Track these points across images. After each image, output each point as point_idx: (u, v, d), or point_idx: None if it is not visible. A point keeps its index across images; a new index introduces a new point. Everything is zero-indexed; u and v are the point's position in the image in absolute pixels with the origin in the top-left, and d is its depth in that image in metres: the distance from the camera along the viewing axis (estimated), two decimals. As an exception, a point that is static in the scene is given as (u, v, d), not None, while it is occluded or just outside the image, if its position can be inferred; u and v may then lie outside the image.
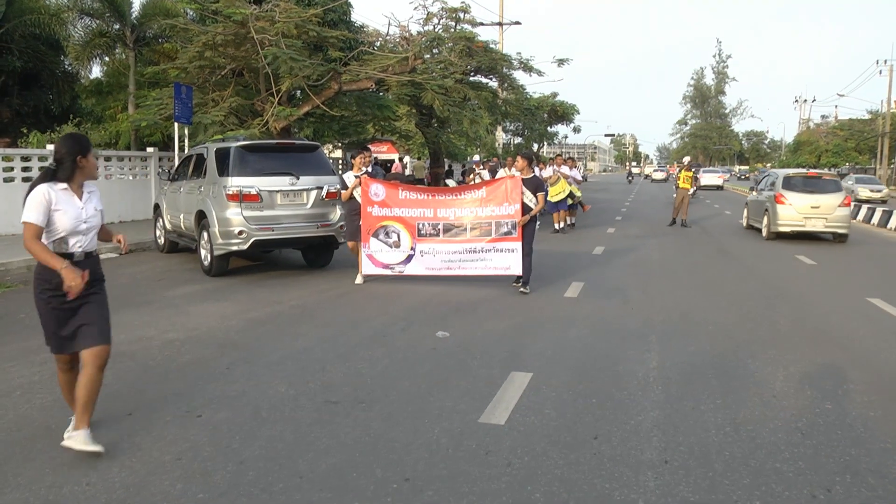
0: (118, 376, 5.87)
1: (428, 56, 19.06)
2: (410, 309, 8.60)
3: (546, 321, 8.00)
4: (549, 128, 50.14)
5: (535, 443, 4.47)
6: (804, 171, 19.42)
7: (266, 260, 12.82)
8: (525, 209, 9.42)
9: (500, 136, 46.09)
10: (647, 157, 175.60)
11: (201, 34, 16.64)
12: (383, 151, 36.74)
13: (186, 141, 16.96)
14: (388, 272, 10.03)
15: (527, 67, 21.87)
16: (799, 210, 16.52)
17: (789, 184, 17.03)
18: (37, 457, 4.26)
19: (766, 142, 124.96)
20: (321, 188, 10.94)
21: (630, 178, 75.06)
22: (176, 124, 16.46)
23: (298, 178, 10.78)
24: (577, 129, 55.59)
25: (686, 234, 18.43)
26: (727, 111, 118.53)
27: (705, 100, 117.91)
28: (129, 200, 19.02)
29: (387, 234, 9.94)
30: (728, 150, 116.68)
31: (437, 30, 19.31)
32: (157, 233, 14.04)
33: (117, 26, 22.94)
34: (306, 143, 12.77)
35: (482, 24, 24.05)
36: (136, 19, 22.79)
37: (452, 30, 19.25)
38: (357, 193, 10.15)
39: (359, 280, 10.30)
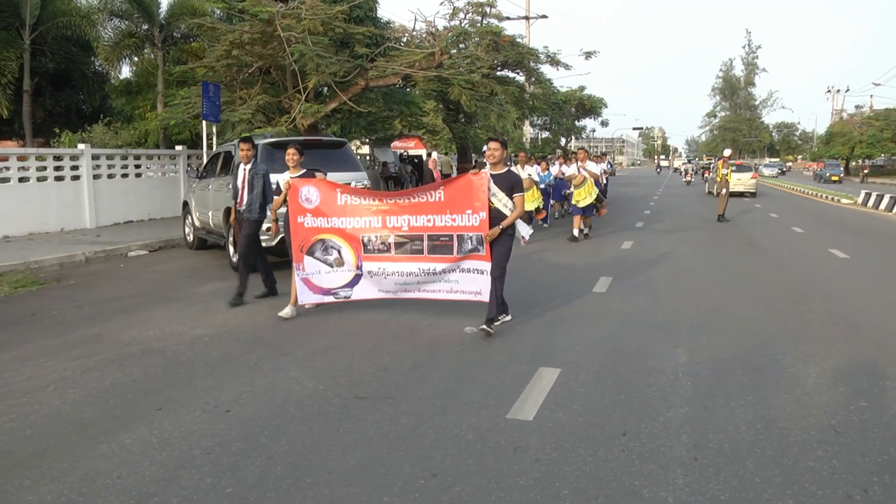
0: (147, 372, 5.94)
1: (454, 51, 19.00)
2: (437, 304, 8.58)
3: (574, 316, 7.95)
4: (576, 122, 49.85)
5: (564, 439, 4.44)
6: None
7: (294, 256, 12.88)
8: (494, 217, 7.05)
9: (528, 131, 45.92)
10: (675, 150, 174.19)
11: (228, 33, 16.74)
12: (411, 147, 36.79)
13: (214, 139, 17.11)
14: (330, 299, 7.82)
15: (554, 61, 21.70)
16: (737, 181, 28.76)
17: (733, 169, 25.58)
18: (70, 451, 4.33)
19: (798, 133, 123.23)
20: (349, 184, 10.96)
21: (659, 170, 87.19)
22: (204, 122, 16.61)
23: (326, 175, 10.80)
24: (604, 123, 55.14)
25: (716, 227, 18.22)
26: (757, 103, 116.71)
27: (734, 91, 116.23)
28: (159, 198, 19.24)
29: (325, 249, 7.76)
30: (758, 142, 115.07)
31: (463, 24, 19.25)
32: (186, 230, 14.20)
33: (146, 27, 23.22)
34: (333, 139, 12.83)
35: (509, 18, 24.01)
36: (164, 19, 23.04)
37: (479, 24, 19.18)
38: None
39: (287, 312, 7.89)
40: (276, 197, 8.31)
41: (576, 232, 15.26)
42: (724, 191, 19.63)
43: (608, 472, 3.98)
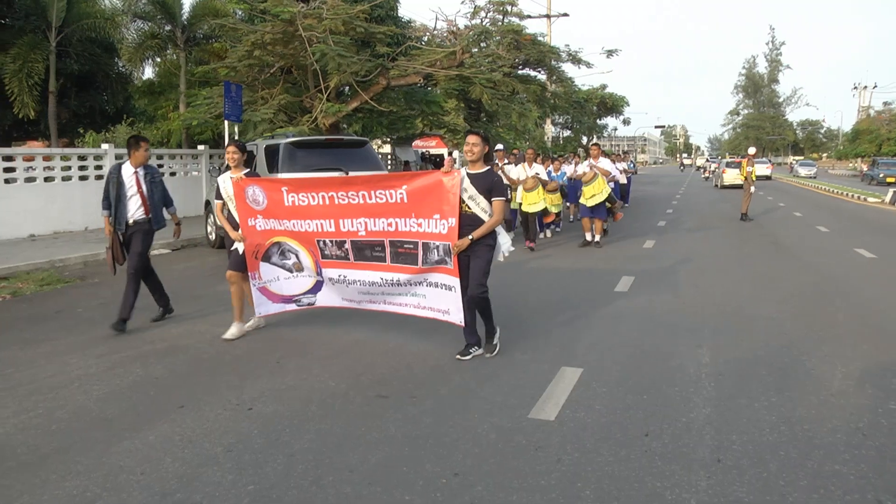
0: (170, 369, 5.99)
1: (475, 50, 18.99)
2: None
3: (596, 316, 7.91)
4: (598, 120, 49.69)
5: (586, 439, 4.42)
6: (733, 159, 41.00)
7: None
8: (470, 225, 5.93)
9: (549, 130, 45.77)
10: (697, 148, 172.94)
11: (250, 33, 16.85)
12: (432, 146, 36.80)
13: (237, 138, 17.20)
14: (292, 307, 7.13)
15: (575, 59, 21.60)
16: (729, 176, 36.81)
17: (725, 166, 40.08)
18: (94, 446, 4.37)
19: (823, 131, 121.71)
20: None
21: (682, 168, 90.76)
22: (226, 122, 16.70)
23: (347, 174, 10.84)
24: (626, 122, 55.14)
25: (740, 226, 18.05)
26: (781, 100, 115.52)
27: (758, 89, 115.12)
28: (181, 197, 19.36)
29: (282, 253, 6.94)
30: (782, 140, 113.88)
31: (484, 23, 19.22)
32: (208, 229, 14.31)
33: (168, 28, 23.44)
34: (355, 138, 12.86)
35: (530, 16, 23.97)
36: (187, 20, 23.24)
37: (500, 23, 19.14)
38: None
39: (232, 332, 6.95)
40: (216, 201, 7.29)
41: (588, 236, 14.02)
42: (751, 189, 19.36)
43: (630, 472, 3.96)
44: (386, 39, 17.43)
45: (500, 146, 16.15)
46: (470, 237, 5.86)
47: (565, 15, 37.40)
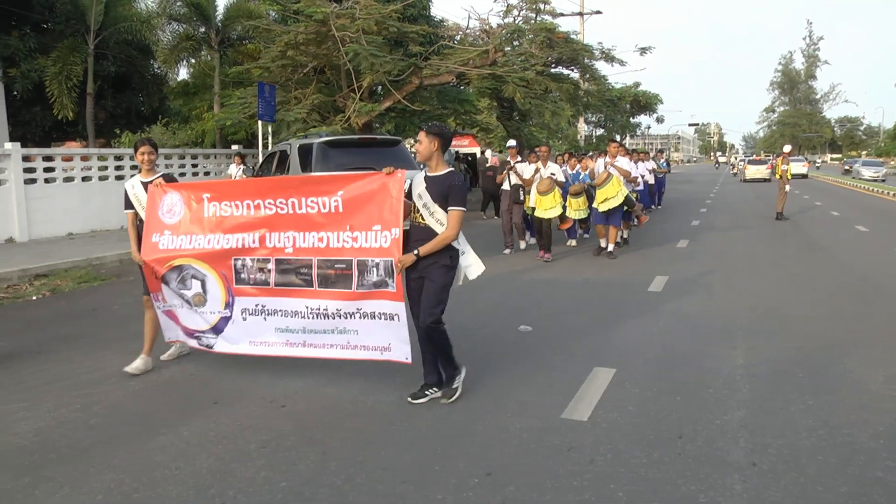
0: (204, 366, 6.07)
1: (508, 48, 18.98)
2: (492, 303, 8.58)
3: (629, 316, 7.85)
4: (631, 119, 49.35)
5: (618, 440, 4.39)
6: (754, 156, 60.85)
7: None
8: (422, 239, 4.99)
9: (582, 128, 45.53)
10: (732, 146, 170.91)
11: (283, 34, 17.01)
12: (465, 145, 36.80)
13: (270, 138, 17.36)
14: (194, 343, 5.93)
15: (608, 57, 21.50)
16: (750, 171, 44.55)
17: (747, 162, 48.48)
18: (130, 441, 4.45)
19: (862, 128, 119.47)
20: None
21: (717, 165, 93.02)
22: (259, 122, 16.86)
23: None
24: (660, 120, 54.71)
25: (775, 225, 17.79)
26: (818, 96, 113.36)
27: (794, 85, 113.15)
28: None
29: (182, 280, 5.77)
30: (819, 137, 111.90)
31: (517, 22, 19.22)
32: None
33: (203, 29, 23.73)
34: (388, 137, 12.91)
35: (562, 14, 23.88)
36: (221, 22, 23.51)
37: (532, 21, 19.13)
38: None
39: (135, 366, 5.95)
40: (127, 212, 6.18)
41: (603, 243, 12.32)
42: (786, 188, 19.00)
43: (663, 475, 3.92)
44: (419, 39, 17.48)
45: (512, 142, 14.35)
46: (415, 252, 4.92)
47: (598, 12, 37.14)
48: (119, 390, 5.44)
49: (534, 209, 12.16)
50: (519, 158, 13.36)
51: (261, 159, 14.98)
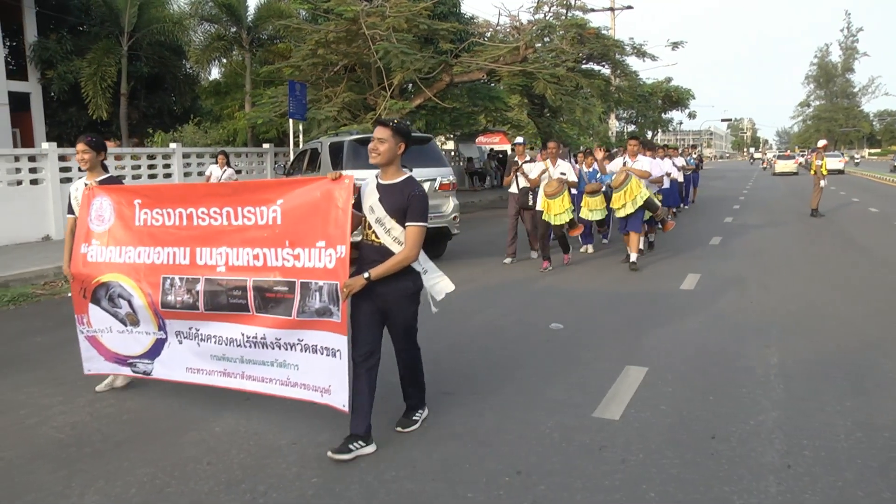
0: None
1: (539, 45, 18.92)
2: (523, 300, 8.56)
3: (661, 314, 7.78)
4: (663, 114, 48.95)
5: (650, 440, 4.35)
6: (784, 152, 70.00)
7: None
8: (371, 259, 4.26)
9: (614, 125, 45.23)
10: (765, 142, 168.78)
11: (314, 33, 17.11)
12: (495, 142, 36.77)
13: (301, 136, 17.48)
14: (126, 371, 5.21)
15: (640, 53, 21.31)
16: (779, 166, 50.58)
17: (777, 158, 56.97)
18: (162, 436, 4.51)
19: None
20: (434, 180, 11.03)
21: (752, 161, 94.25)
22: (290, 121, 16.98)
23: (411, 171, 10.85)
24: (692, 115, 54.07)
25: (810, 222, 17.51)
26: (856, 90, 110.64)
27: (830, 79, 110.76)
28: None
29: (111, 298, 5.07)
30: (856, 132, 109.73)
31: (547, 18, 19.13)
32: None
33: (234, 30, 24.01)
34: (418, 135, 12.91)
35: (593, 10, 23.72)
36: (252, 22, 23.75)
37: (563, 17, 19.03)
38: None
39: (103, 386, 5.44)
40: (69, 217, 5.51)
41: (633, 256, 10.84)
42: (821, 183, 18.64)
43: (696, 476, 3.88)
44: (449, 36, 17.48)
45: (519, 139, 12.50)
46: (366, 275, 4.12)
47: (629, 7, 36.82)
48: (152, 386, 5.50)
49: (541, 213, 10.74)
50: (528, 157, 12.04)
51: (292, 157, 15.09)
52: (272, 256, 4.43)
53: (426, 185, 10.84)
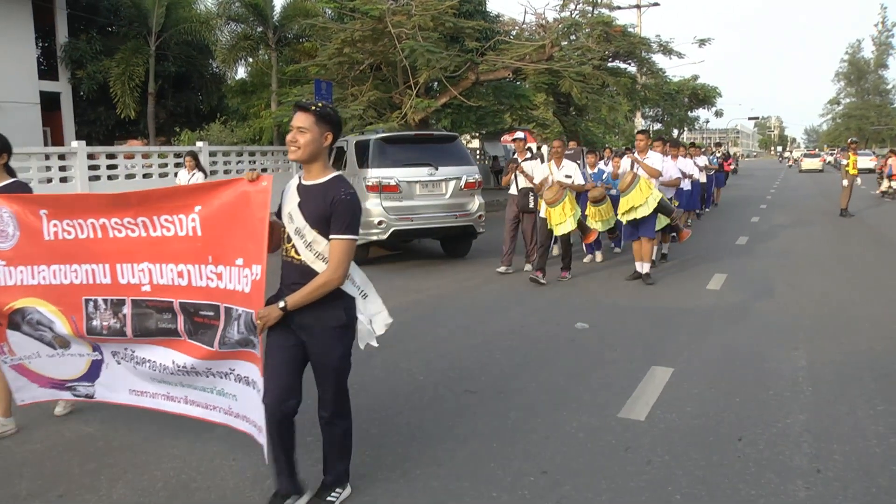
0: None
1: (565, 43, 18.83)
2: (548, 300, 8.54)
3: (687, 314, 7.72)
4: (689, 112, 48.54)
5: (676, 441, 4.32)
6: (809, 151, 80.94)
7: (405, 249, 13.08)
8: (293, 281, 3.40)
9: (640, 123, 44.94)
10: (793, 140, 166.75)
11: (340, 31, 17.17)
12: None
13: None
14: (67, 395, 4.47)
15: (666, 50, 21.14)
16: (806, 163, 57.40)
17: (803, 156, 65.81)
18: (189, 431, 4.52)
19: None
20: (459, 178, 11.04)
21: (781, 159, 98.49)
22: (317, 119, 17.02)
23: (437, 169, 10.91)
24: (719, 113, 53.52)
25: (839, 222, 17.28)
26: (889, 87, 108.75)
27: (862, 75, 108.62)
28: (274, 192, 19.93)
29: (30, 324, 4.23)
30: (889, 130, 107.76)
31: (573, 16, 19.05)
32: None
33: (260, 29, 24.15)
34: (444, 133, 12.94)
35: (619, 7, 23.63)
36: (278, 21, 23.87)
37: (589, 15, 18.95)
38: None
39: (61, 409, 4.92)
40: None
41: (638, 266, 9.69)
42: (855, 181, 18.20)
43: (723, 478, 3.85)
44: (475, 34, 17.45)
45: (519, 134, 11.64)
46: (281, 304, 3.32)
47: (656, 4, 36.46)
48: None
49: (545, 220, 9.50)
50: (528, 155, 11.01)
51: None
52: (196, 275, 3.73)
53: (451, 184, 10.90)
